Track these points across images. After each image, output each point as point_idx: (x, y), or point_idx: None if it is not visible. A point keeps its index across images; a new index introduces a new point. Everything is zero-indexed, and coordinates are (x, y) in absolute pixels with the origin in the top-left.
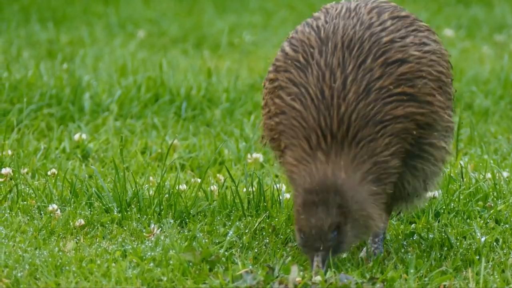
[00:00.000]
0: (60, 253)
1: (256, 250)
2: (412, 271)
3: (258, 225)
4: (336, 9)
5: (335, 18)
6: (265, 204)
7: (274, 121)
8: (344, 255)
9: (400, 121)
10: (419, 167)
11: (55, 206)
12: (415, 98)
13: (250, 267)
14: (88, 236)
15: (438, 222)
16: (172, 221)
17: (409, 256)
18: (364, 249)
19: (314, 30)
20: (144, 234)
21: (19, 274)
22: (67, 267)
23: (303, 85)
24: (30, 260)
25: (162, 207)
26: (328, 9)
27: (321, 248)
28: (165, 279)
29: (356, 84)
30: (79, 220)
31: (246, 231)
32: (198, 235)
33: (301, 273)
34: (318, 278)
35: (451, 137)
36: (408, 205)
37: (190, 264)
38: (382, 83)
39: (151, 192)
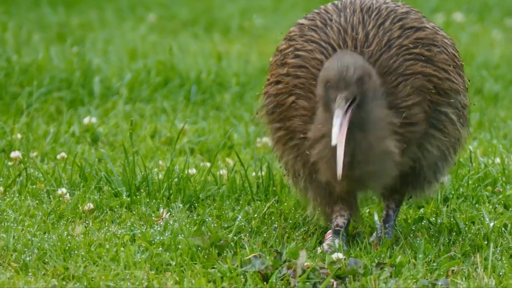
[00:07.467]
0: (69, 237)
1: (265, 235)
2: (420, 256)
3: (267, 209)
4: None
5: None
6: (274, 188)
7: (285, 81)
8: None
9: (419, 78)
10: (436, 137)
11: (64, 190)
12: (432, 62)
13: (259, 252)
14: (97, 220)
15: (447, 207)
16: (181, 205)
17: (418, 241)
18: (374, 233)
19: (329, 5)
20: (153, 218)
21: (27, 258)
22: (75, 251)
23: (323, 40)
24: (39, 244)
25: (171, 191)
26: None
27: (344, 88)
28: (173, 263)
29: (378, 38)
30: (88, 204)
31: (255, 215)
32: (207, 219)
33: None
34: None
35: (466, 124)
36: (418, 192)
37: (199, 248)
38: (401, 42)
39: (160, 176)
